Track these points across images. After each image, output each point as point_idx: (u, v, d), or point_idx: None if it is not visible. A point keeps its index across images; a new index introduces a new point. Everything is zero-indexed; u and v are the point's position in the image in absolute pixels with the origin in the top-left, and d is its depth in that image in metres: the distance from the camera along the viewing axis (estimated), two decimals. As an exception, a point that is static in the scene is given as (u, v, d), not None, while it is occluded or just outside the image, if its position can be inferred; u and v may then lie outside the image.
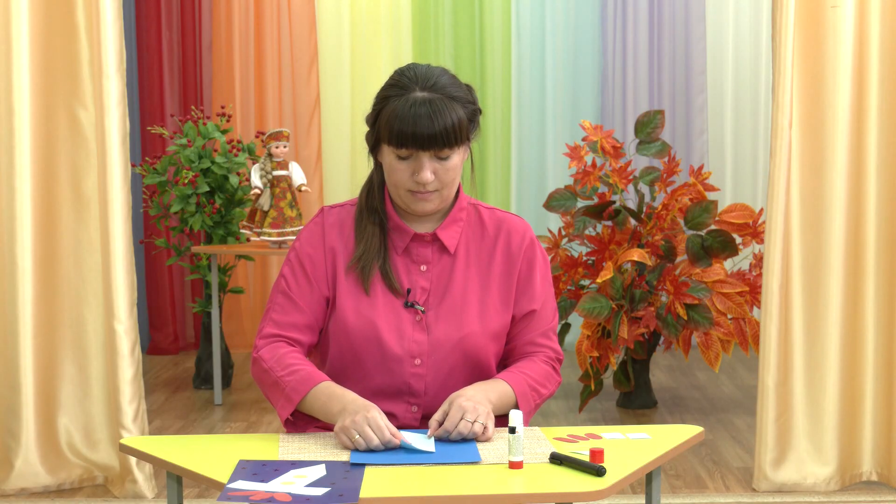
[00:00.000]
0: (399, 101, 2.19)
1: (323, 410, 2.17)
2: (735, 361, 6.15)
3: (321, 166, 6.60)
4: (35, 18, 3.82)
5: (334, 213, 2.34)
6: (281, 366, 2.23)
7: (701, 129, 6.62)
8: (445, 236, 2.29)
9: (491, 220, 2.34)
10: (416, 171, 2.20)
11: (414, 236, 2.29)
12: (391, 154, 2.22)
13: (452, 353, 2.24)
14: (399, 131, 2.17)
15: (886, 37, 3.83)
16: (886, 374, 3.89)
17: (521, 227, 2.34)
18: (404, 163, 2.21)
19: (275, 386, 2.23)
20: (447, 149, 2.19)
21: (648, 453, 2.04)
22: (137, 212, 6.23)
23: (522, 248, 2.31)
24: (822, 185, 3.86)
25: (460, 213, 2.32)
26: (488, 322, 2.27)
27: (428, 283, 2.28)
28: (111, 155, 3.78)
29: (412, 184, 2.21)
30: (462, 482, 1.88)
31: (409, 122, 2.17)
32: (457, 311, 2.26)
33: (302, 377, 2.20)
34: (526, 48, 6.59)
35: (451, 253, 2.30)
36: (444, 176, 2.21)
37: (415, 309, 2.26)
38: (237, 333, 6.58)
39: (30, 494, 3.90)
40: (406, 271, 2.29)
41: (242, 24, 6.53)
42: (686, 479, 4.06)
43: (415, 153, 2.19)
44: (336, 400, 2.15)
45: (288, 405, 2.20)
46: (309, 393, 2.18)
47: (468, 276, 2.29)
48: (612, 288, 4.71)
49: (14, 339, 3.85)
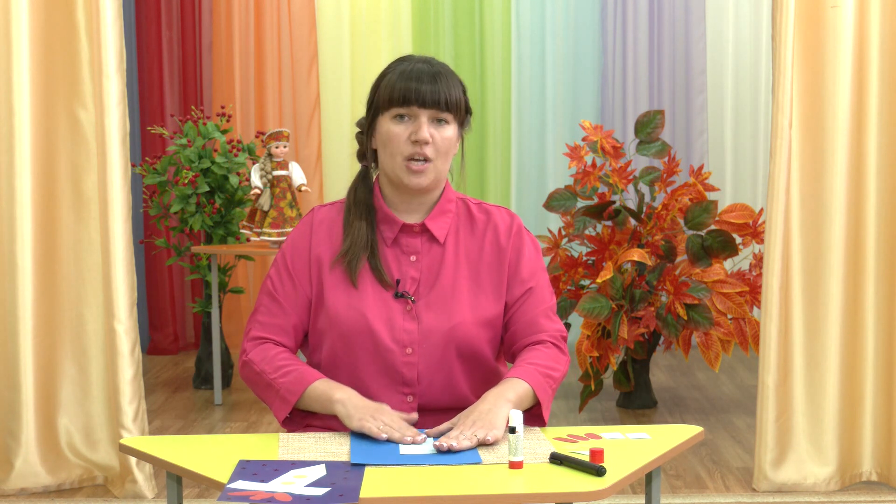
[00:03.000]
0: (399, 68, 2.27)
1: (322, 408, 2.20)
2: (735, 361, 6.15)
3: (321, 166, 6.60)
4: (35, 18, 3.82)
5: (323, 212, 2.37)
6: (272, 367, 2.26)
7: (701, 129, 6.62)
8: (434, 226, 2.31)
9: (479, 212, 2.37)
10: (414, 130, 2.23)
11: (403, 227, 2.31)
12: (388, 121, 2.26)
13: (443, 341, 2.25)
14: (401, 88, 2.23)
15: (886, 37, 3.83)
16: (886, 374, 3.89)
17: (508, 218, 2.36)
18: (402, 125, 2.25)
19: (268, 388, 2.25)
20: (446, 111, 2.24)
21: (648, 453, 2.04)
22: (137, 212, 6.23)
23: (510, 238, 2.34)
24: (822, 184, 3.86)
25: (448, 204, 2.34)
26: (479, 310, 2.28)
27: (418, 273, 2.30)
28: (111, 155, 3.78)
29: (409, 147, 2.24)
30: (462, 482, 1.88)
31: (411, 81, 2.23)
32: (447, 300, 2.27)
33: (295, 377, 2.23)
34: (526, 48, 6.59)
35: (441, 243, 2.31)
36: (441, 143, 2.25)
37: (405, 299, 2.27)
38: (237, 333, 6.59)
39: (30, 494, 3.90)
40: (396, 262, 2.30)
41: (242, 24, 6.53)
42: (686, 479, 4.06)
43: (414, 113, 2.23)
44: (335, 399, 2.18)
45: (284, 406, 2.22)
46: (304, 393, 2.21)
47: (458, 266, 2.31)
48: (612, 288, 4.71)
49: (14, 339, 3.85)
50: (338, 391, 2.20)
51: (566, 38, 6.60)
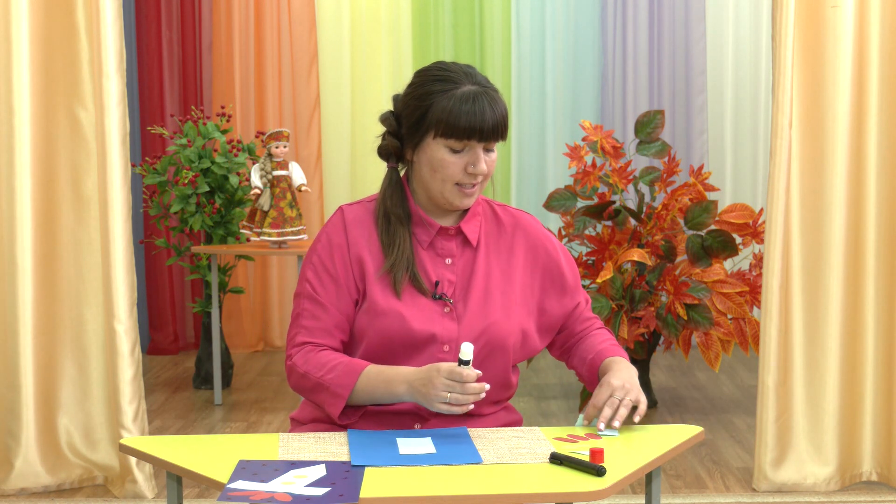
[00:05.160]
0: (454, 95, 2.22)
1: (382, 394, 2.19)
2: (735, 361, 6.15)
3: (321, 166, 6.60)
4: (35, 18, 3.82)
5: (354, 210, 2.35)
6: (317, 367, 2.24)
7: (701, 129, 6.62)
8: (468, 229, 2.33)
9: (505, 215, 2.40)
10: (471, 162, 2.24)
11: (439, 230, 2.32)
12: (442, 148, 2.24)
13: (479, 340, 2.26)
14: (465, 124, 2.21)
15: (886, 37, 3.83)
16: (886, 374, 3.89)
17: (535, 222, 2.41)
18: (457, 156, 2.24)
19: (318, 388, 2.23)
20: (500, 140, 2.26)
21: (648, 453, 2.04)
22: (137, 212, 6.23)
23: (541, 242, 2.38)
24: (822, 184, 3.86)
25: (478, 207, 2.37)
26: (511, 312, 2.30)
27: (454, 276, 2.31)
28: (111, 155, 3.78)
29: (464, 177, 2.25)
30: (462, 482, 1.88)
31: (474, 116, 2.21)
32: (481, 301, 2.29)
33: (343, 371, 2.21)
34: (526, 48, 6.59)
35: (474, 246, 2.33)
36: (490, 168, 2.28)
37: (443, 301, 2.28)
38: (237, 333, 6.59)
39: (30, 494, 3.90)
40: (433, 265, 2.31)
41: (242, 24, 6.53)
42: (686, 479, 4.06)
43: (470, 145, 2.23)
44: (392, 380, 2.17)
45: (337, 401, 2.20)
46: (357, 384, 2.20)
47: (490, 268, 2.33)
48: (612, 288, 4.71)
49: (14, 339, 3.85)
50: (394, 376, 2.18)
51: (566, 38, 6.60)
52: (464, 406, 2.08)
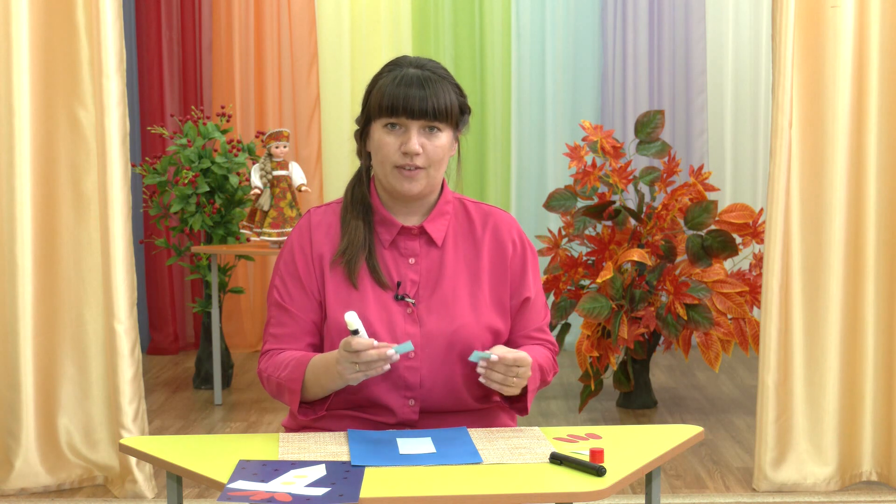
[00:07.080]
0: (390, 75, 2.25)
1: (327, 381, 2.18)
2: (735, 361, 6.15)
3: (321, 166, 6.60)
4: (35, 18, 3.82)
5: (319, 213, 2.35)
6: (275, 368, 2.26)
7: (701, 129, 6.62)
8: (432, 229, 2.30)
9: (477, 213, 2.36)
10: (404, 141, 2.22)
11: (401, 229, 2.30)
12: (380, 129, 2.24)
13: (446, 344, 2.24)
14: (390, 97, 2.21)
15: (886, 37, 3.83)
16: (886, 374, 3.89)
17: (508, 220, 2.36)
18: (392, 135, 2.23)
19: (279, 388, 2.25)
20: (436, 121, 2.22)
21: (648, 453, 2.04)
22: (137, 212, 6.23)
23: (511, 241, 2.33)
24: (822, 184, 3.86)
25: (446, 205, 2.33)
26: (481, 313, 2.27)
27: (417, 275, 2.28)
28: (111, 155, 3.78)
29: (400, 157, 2.23)
30: (462, 482, 1.88)
31: (400, 90, 2.21)
32: (448, 303, 2.26)
33: (293, 366, 2.22)
34: (526, 48, 6.59)
35: (439, 246, 2.30)
36: (433, 153, 2.23)
37: (405, 302, 2.26)
38: (237, 333, 6.59)
39: (30, 494, 3.90)
40: (395, 264, 2.29)
41: (242, 24, 6.53)
42: (686, 479, 4.06)
43: (404, 123, 2.22)
44: (328, 365, 2.16)
45: (294, 397, 2.22)
46: (305, 376, 2.20)
47: (458, 269, 2.30)
48: (612, 288, 4.71)
49: (14, 339, 3.85)
50: (328, 361, 2.17)
51: (566, 38, 6.59)
52: (379, 369, 2.08)
